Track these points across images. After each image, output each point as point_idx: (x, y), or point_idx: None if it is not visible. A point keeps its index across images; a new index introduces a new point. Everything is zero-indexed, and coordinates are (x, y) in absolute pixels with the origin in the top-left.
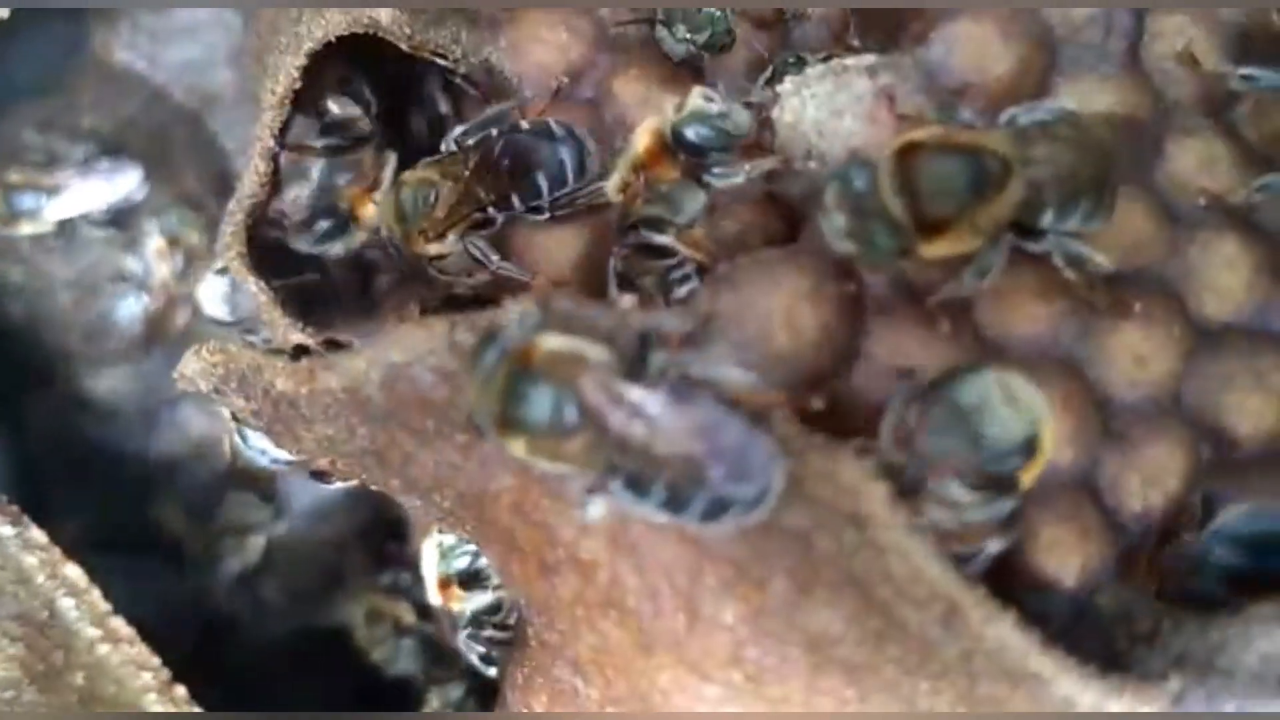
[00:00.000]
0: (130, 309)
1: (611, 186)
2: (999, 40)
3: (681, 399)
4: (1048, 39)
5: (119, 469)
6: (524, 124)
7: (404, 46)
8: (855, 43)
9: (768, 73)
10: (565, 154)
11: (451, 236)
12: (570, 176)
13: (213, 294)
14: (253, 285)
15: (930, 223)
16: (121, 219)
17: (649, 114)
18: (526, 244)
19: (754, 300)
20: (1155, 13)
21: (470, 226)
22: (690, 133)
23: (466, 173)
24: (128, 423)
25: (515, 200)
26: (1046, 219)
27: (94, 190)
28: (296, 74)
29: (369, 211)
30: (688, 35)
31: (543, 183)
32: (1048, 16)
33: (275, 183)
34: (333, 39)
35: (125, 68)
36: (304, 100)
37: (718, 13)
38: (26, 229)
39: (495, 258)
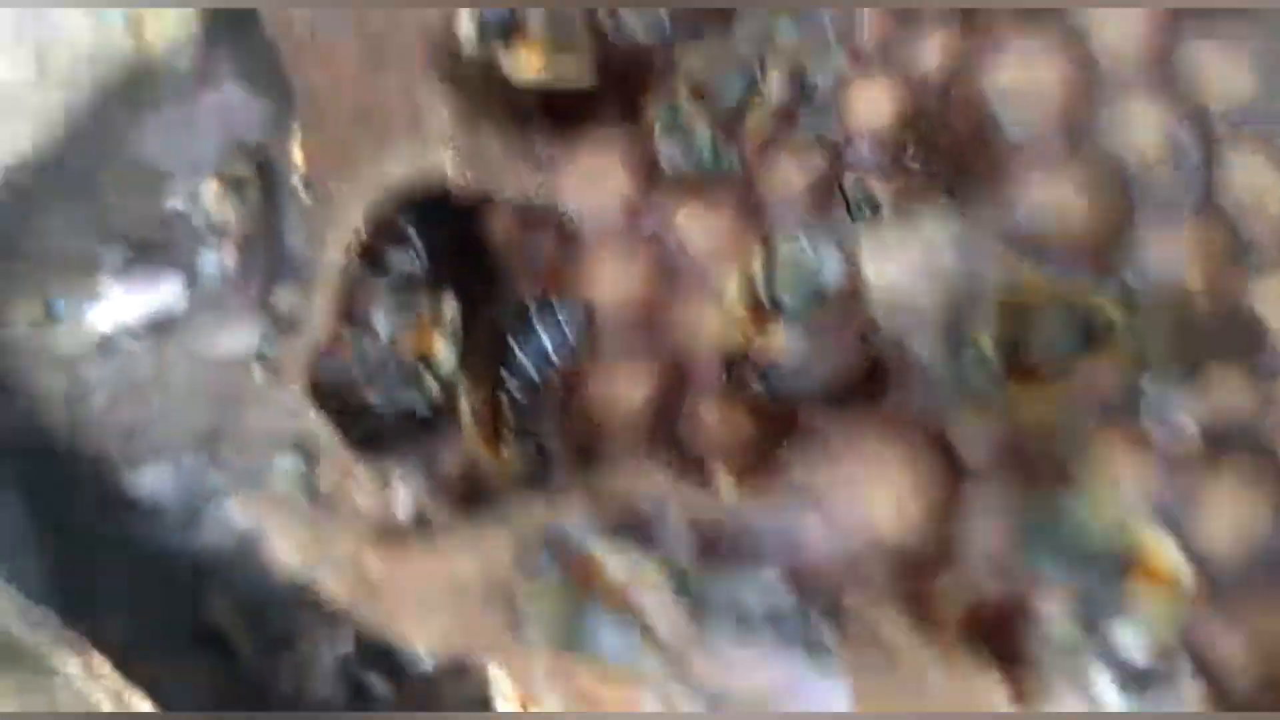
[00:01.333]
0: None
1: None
2: (1076, 189)
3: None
4: (1122, 179)
5: (164, 567)
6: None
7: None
8: (916, 167)
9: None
10: (544, 333)
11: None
12: (553, 355)
13: None
14: (316, 417)
15: (1026, 372)
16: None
17: (711, 244)
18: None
19: (849, 470)
20: (1224, 148)
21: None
22: (786, 299)
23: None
24: (171, 520)
25: (510, 384)
26: (1144, 382)
27: (135, 299)
28: (362, 223)
29: (435, 350)
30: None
31: (527, 364)
32: (1122, 155)
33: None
34: None
35: (152, 163)
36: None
37: (704, 132)
38: (67, 337)
39: None
